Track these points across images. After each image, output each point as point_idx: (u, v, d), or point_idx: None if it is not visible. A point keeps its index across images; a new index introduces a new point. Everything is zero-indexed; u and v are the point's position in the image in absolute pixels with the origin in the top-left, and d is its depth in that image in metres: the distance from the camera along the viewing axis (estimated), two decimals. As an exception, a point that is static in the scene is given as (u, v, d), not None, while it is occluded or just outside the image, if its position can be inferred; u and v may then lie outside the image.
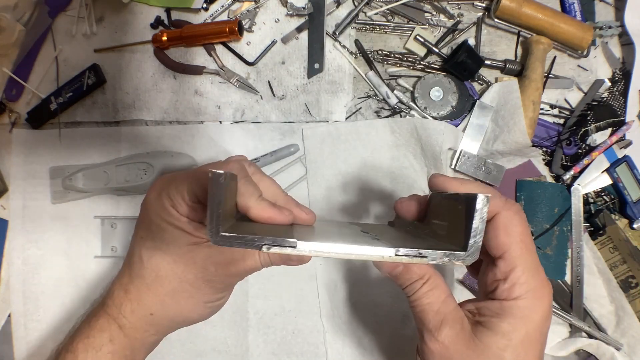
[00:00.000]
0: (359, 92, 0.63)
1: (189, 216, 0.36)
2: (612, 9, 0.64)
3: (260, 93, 0.63)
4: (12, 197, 0.64)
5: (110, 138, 0.63)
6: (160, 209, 0.36)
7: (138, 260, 0.38)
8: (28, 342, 0.62)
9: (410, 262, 0.27)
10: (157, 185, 0.38)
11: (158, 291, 0.38)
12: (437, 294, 0.34)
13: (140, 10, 0.65)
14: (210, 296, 0.39)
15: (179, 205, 0.35)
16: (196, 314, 0.40)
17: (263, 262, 0.37)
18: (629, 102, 0.61)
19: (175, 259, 0.37)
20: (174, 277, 0.37)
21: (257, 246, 0.26)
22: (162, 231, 0.36)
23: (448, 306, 0.34)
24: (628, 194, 0.59)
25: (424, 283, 0.34)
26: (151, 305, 0.38)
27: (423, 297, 0.34)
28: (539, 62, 0.59)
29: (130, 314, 0.39)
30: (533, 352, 0.32)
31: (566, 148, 0.60)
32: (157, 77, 0.64)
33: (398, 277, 0.35)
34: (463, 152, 0.59)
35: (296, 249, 0.26)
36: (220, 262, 0.37)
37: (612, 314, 0.58)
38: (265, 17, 0.64)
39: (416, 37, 0.61)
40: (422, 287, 0.34)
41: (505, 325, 0.32)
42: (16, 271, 0.62)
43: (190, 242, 0.36)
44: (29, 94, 0.65)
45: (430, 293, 0.34)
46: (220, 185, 0.27)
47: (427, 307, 0.34)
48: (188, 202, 0.35)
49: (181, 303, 0.38)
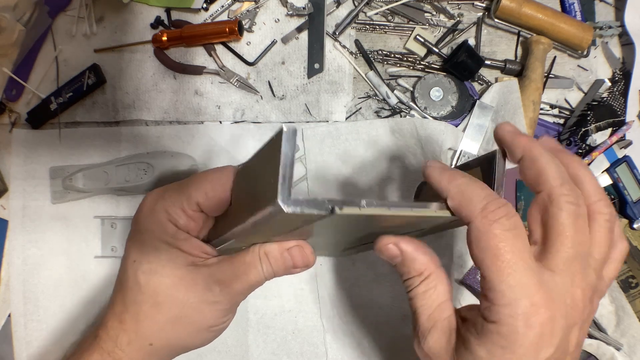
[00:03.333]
0: (359, 92, 0.63)
1: (189, 229, 0.34)
2: (612, 9, 0.64)
3: (260, 93, 0.63)
4: (12, 197, 0.64)
5: (110, 138, 0.63)
6: (155, 225, 0.34)
7: (133, 286, 0.35)
8: (28, 342, 0.62)
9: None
10: (148, 200, 0.36)
11: (157, 319, 0.35)
12: (433, 296, 0.31)
13: (140, 10, 0.65)
14: (214, 320, 0.36)
15: (178, 217, 0.33)
16: (199, 340, 0.37)
17: (266, 273, 0.35)
18: (629, 102, 0.61)
19: (174, 282, 0.34)
20: (175, 303, 0.34)
21: (328, 208, 0.25)
22: (158, 251, 0.34)
23: (442, 313, 0.31)
24: (628, 194, 0.59)
25: (422, 281, 0.31)
26: (150, 335, 0.35)
27: (417, 298, 0.31)
28: (539, 62, 0.59)
29: (127, 346, 0.35)
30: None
31: (566, 148, 0.60)
32: (157, 77, 0.64)
33: (398, 267, 0.33)
34: (463, 152, 0.60)
35: (365, 208, 0.26)
36: (224, 279, 0.34)
37: (612, 314, 0.58)
38: (265, 17, 0.64)
39: (416, 37, 0.61)
40: (419, 285, 0.31)
41: (483, 351, 0.28)
42: (16, 271, 0.62)
43: (190, 262, 0.34)
44: (29, 94, 0.65)
45: (427, 294, 0.31)
46: (293, 141, 0.24)
47: (420, 309, 0.31)
48: (188, 212, 0.33)
49: (183, 330, 0.35)
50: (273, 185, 0.24)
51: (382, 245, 0.32)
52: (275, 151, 0.25)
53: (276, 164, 0.24)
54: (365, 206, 0.26)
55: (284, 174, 0.24)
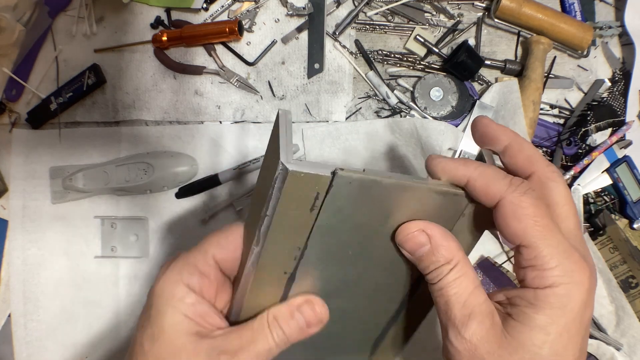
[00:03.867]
0: (359, 92, 0.63)
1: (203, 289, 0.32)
2: (612, 9, 0.64)
3: (260, 93, 0.63)
4: (12, 197, 0.64)
5: (110, 138, 0.63)
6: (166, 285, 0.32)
7: (139, 351, 0.33)
8: (28, 342, 0.62)
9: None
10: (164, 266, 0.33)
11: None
12: (465, 283, 0.29)
13: (140, 10, 0.65)
14: None
15: (190, 275, 0.31)
16: None
17: (278, 339, 0.32)
18: (629, 102, 0.61)
19: (174, 351, 0.31)
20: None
21: (332, 171, 0.27)
22: (162, 315, 0.31)
23: (477, 298, 0.29)
24: (628, 194, 0.59)
25: (452, 269, 0.30)
26: None
27: (449, 286, 0.29)
28: (539, 62, 0.59)
29: None
30: (573, 347, 0.28)
31: (566, 148, 0.60)
32: (157, 77, 0.64)
33: (422, 258, 0.30)
34: (463, 152, 0.60)
35: (364, 173, 0.27)
36: (230, 350, 0.31)
37: (612, 314, 0.58)
38: (265, 17, 0.64)
39: (416, 37, 0.61)
40: (449, 273, 0.30)
41: (541, 317, 0.27)
42: (16, 271, 0.62)
43: (193, 332, 0.31)
44: (29, 94, 0.65)
45: (458, 281, 0.29)
46: (289, 118, 0.29)
47: (453, 298, 0.29)
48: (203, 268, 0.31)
49: None
50: (275, 163, 0.27)
51: (407, 233, 0.30)
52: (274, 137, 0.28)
53: (276, 145, 0.27)
54: (366, 172, 0.28)
55: (285, 143, 0.27)
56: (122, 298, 0.62)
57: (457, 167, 0.30)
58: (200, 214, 0.61)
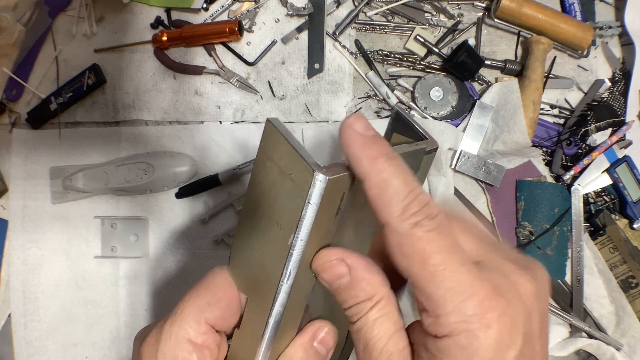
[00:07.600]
0: (359, 92, 0.63)
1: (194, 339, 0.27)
2: (612, 9, 0.64)
3: (260, 93, 0.63)
4: (12, 197, 0.64)
5: (110, 138, 0.63)
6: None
7: None
8: (28, 342, 0.62)
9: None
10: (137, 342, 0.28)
11: None
12: (386, 325, 0.25)
13: (140, 10, 0.65)
14: None
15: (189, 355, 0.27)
16: None
17: None
18: (629, 102, 0.61)
19: None
20: None
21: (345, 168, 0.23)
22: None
23: (396, 344, 0.25)
24: (628, 194, 0.59)
25: (373, 306, 0.25)
26: None
27: (368, 327, 0.25)
28: (539, 62, 0.59)
29: None
30: None
31: (566, 148, 0.60)
32: (157, 77, 0.64)
33: (340, 291, 0.26)
34: (463, 152, 0.59)
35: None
36: None
37: (612, 314, 0.58)
38: (265, 17, 0.64)
39: (416, 37, 0.61)
40: (370, 311, 0.25)
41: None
42: (16, 271, 0.62)
43: None
44: (29, 94, 0.65)
45: (379, 322, 0.25)
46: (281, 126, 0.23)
47: (371, 342, 0.25)
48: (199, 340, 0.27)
49: None
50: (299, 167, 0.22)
51: (324, 262, 0.26)
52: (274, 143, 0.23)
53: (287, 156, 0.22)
54: None
55: (303, 151, 0.22)
56: (122, 298, 0.62)
57: (360, 157, 0.24)
58: (200, 214, 0.61)
